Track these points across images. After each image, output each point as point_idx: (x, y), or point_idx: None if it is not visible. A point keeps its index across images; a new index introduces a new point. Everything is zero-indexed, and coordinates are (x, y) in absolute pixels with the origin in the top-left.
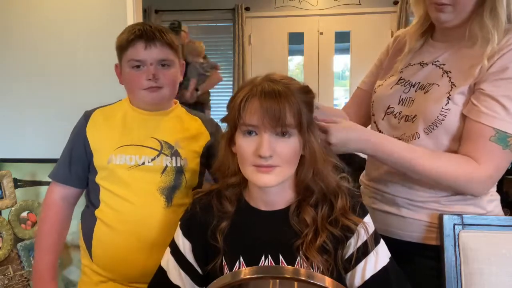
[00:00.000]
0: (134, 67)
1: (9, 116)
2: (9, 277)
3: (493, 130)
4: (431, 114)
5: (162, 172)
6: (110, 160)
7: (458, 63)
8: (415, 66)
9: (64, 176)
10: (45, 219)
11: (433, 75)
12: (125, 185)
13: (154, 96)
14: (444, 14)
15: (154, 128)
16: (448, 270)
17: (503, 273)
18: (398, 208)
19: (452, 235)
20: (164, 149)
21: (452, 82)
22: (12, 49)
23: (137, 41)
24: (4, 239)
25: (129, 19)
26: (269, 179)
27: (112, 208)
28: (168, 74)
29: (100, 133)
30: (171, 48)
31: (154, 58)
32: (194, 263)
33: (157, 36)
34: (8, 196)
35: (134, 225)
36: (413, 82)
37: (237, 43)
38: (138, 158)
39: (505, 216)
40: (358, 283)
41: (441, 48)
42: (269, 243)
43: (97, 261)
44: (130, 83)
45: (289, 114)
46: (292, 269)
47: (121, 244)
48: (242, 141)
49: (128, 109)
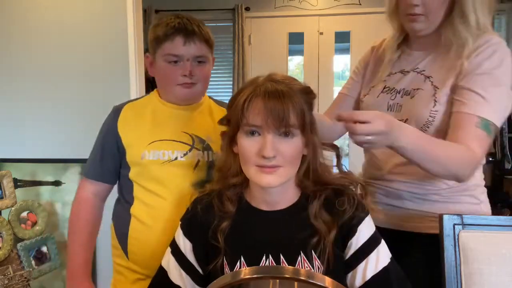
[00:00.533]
0: (171, 62)
1: (9, 116)
2: (9, 277)
3: (477, 118)
4: (421, 116)
5: (194, 167)
6: (143, 156)
7: (437, 68)
8: (397, 74)
9: (96, 172)
10: (79, 216)
11: (416, 81)
12: (159, 181)
13: (187, 92)
14: (417, 23)
15: (185, 122)
16: (448, 270)
17: (503, 273)
18: (402, 201)
19: (452, 235)
20: (196, 143)
21: (434, 85)
22: (12, 49)
23: (176, 35)
24: (4, 239)
25: (129, 19)
26: (272, 180)
27: (147, 205)
28: (203, 70)
29: (132, 128)
30: (207, 44)
31: (192, 54)
32: (195, 263)
33: (196, 32)
34: (8, 196)
35: (169, 221)
36: (398, 89)
37: (237, 43)
38: (171, 153)
39: (505, 215)
40: (359, 283)
41: (419, 56)
42: (270, 243)
43: (133, 259)
44: (164, 77)
45: (292, 114)
46: (292, 269)
47: (157, 241)
48: (245, 141)
49: (158, 103)
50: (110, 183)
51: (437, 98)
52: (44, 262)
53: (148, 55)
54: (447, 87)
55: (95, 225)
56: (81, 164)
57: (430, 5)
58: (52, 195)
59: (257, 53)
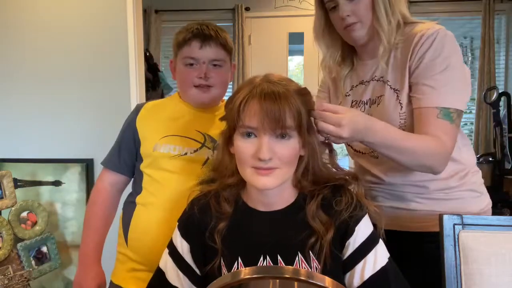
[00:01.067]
0: (188, 64)
1: (9, 116)
2: (9, 277)
3: (436, 109)
4: (394, 121)
5: (203, 164)
6: (155, 148)
7: (391, 71)
8: (358, 86)
9: (114, 163)
10: (95, 202)
11: (377, 89)
12: (167, 173)
13: (204, 96)
14: (356, 32)
15: (200, 122)
16: (448, 270)
17: (503, 273)
18: (407, 203)
19: (452, 235)
20: (207, 142)
21: (394, 89)
22: (12, 49)
23: (193, 40)
24: (4, 239)
25: (129, 19)
26: (269, 182)
27: (151, 193)
28: (219, 73)
29: (149, 123)
30: (224, 48)
31: (207, 58)
32: (192, 264)
33: (212, 36)
34: (8, 196)
35: (169, 211)
36: (364, 100)
37: (237, 43)
38: (181, 149)
39: (505, 215)
40: (357, 283)
41: (372, 65)
42: (268, 244)
43: (132, 245)
44: (182, 80)
45: (289, 116)
46: (292, 269)
47: (156, 230)
48: (241, 143)
49: (178, 102)
50: (126, 175)
51: (401, 100)
52: (44, 262)
53: (172, 60)
54: (406, 88)
55: (109, 214)
56: (81, 164)
57: (359, 11)
58: (52, 195)
59: (257, 53)
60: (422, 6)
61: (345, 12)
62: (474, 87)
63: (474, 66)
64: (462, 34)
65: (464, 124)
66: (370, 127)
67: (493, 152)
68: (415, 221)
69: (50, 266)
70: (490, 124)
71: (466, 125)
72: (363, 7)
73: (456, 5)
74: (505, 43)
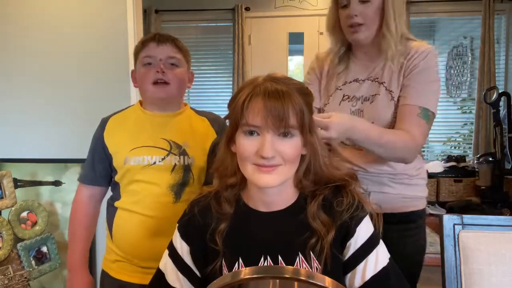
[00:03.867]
0: (146, 64)
1: (9, 116)
2: (9, 277)
3: (419, 108)
4: (385, 119)
5: (171, 170)
6: (126, 161)
7: (387, 74)
8: (352, 83)
9: (89, 178)
10: (75, 216)
11: (373, 88)
12: (139, 182)
13: (161, 91)
14: (359, 33)
15: (163, 129)
16: (448, 270)
17: (503, 273)
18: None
19: (452, 235)
20: (173, 149)
21: (389, 90)
22: (12, 50)
23: (150, 41)
24: (4, 239)
25: (129, 19)
26: (271, 179)
27: (130, 200)
28: (176, 72)
29: (116, 138)
30: (180, 50)
31: (164, 54)
32: (192, 266)
33: (168, 38)
34: (8, 196)
35: (145, 217)
36: (357, 96)
37: (237, 43)
38: (150, 158)
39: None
40: (358, 284)
41: (369, 66)
42: (268, 245)
43: (115, 241)
44: (141, 80)
45: (292, 114)
46: (292, 269)
47: (133, 231)
48: (244, 140)
49: (140, 113)
50: (103, 186)
51: (395, 101)
52: (44, 262)
53: (133, 70)
54: (399, 90)
55: (90, 225)
56: (81, 164)
57: (367, 14)
58: (52, 195)
59: (257, 53)
60: (422, 6)
61: (354, 11)
62: (474, 87)
63: (474, 66)
64: (462, 34)
65: (464, 124)
66: (354, 126)
67: (493, 152)
68: (387, 202)
69: (50, 266)
70: (490, 124)
71: (466, 125)
72: (372, 11)
73: (456, 5)
74: (505, 43)
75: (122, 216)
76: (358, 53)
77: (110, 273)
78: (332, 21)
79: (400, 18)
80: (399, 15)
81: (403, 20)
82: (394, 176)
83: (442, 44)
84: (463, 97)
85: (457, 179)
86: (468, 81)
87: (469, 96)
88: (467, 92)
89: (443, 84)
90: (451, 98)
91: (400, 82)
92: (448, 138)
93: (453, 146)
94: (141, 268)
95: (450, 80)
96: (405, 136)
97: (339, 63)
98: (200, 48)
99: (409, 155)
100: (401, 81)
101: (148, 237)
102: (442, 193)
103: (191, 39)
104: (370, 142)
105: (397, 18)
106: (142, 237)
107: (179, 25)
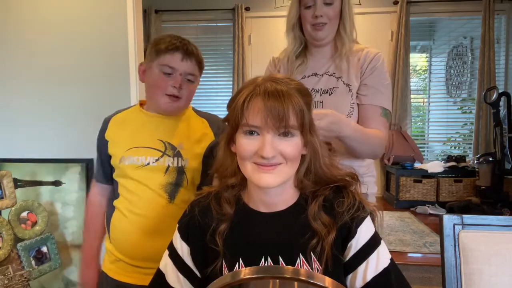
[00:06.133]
0: (165, 73)
1: (9, 116)
2: (9, 277)
3: (380, 108)
4: (344, 108)
5: (165, 172)
6: (121, 161)
7: (344, 69)
8: (311, 77)
9: (98, 175)
10: (88, 212)
11: (331, 82)
12: (134, 182)
13: (173, 106)
14: (322, 32)
15: (160, 130)
16: (448, 270)
17: (503, 273)
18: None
19: (452, 235)
20: (167, 150)
21: (346, 83)
22: (12, 50)
23: (176, 50)
24: (4, 239)
25: (129, 19)
26: (271, 179)
27: (126, 199)
28: (190, 88)
29: (115, 137)
30: (199, 66)
31: (185, 71)
32: (192, 267)
33: (194, 53)
34: (8, 196)
35: (140, 217)
36: (316, 89)
37: (237, 43)
38: (144, 159)
39: (505, 215)
40: (360, 285)
41: (325, 63)
42: (269, 245)
43: (113, 242)
44: (155, 85)
45: (292, 114)
46: (292, 269)
47: (129, 230)
48: (244, 140)
49: (139, 113)
50: (110, 184)
51: (352, 93)
52: (44, 262)
53: (143, 64)
54: (356, 85)
55: (101, 220)
56: (81, 164)
57: (330, 15)
58: (52, 195)
59: (257, 53)
60: (422, 6)
61: (320, 12)
62: (474, 87)
63: (474, 66)
64: (462, 34)
65: (464, 124)
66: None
67: (493, 152)
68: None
69: (50, 266)
70: (490, 124)
71: (466, 125)
72: (334, 12)
73: (456, 5)
74: (505, 43)
75: (118, 216)
76: (314, 51)
77: (109, 274)
78: (293, 21)
79: (352, 22)
80: (351, 20)
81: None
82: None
83: (442, 44)
84: (463, 97)
85: (457, 179)
86: (468, 81)
87: (469, 96)
88: (467, 92)
89: (443, 84)
90: (451, 98)
91: (358, 78)
92: (448, 138)
93: (453, 146)
94: (138, 268)
95: (450, 80)
96: (379, 135)
97: (296, 59)
98: (200, 48)
99: (382, 152)
100: (359, 78)
101: (143, 237)
102: (442, 193)
103: (191, 39)
104: (357, 139)
105: (351, 21)
106: (138, 237)
107: (179, 25)
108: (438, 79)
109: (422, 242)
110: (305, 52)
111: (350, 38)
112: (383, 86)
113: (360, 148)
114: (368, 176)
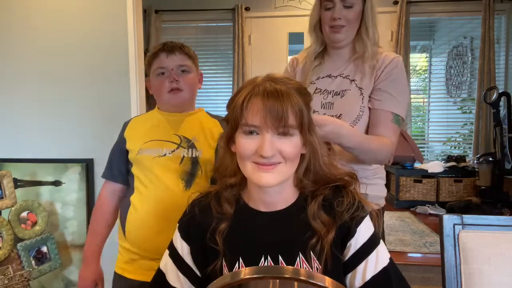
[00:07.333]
0: (160, 74)
1: (9, 116)
2: (9, 277)
3: (392, 114)
4: (353, 111)
5: (180, 162)
6: (139, 152)
7: (358, 73)
8: (325, 78)
9: (108, 174)
10: (96, 209)
11: (344, 84)
12: (150, 172)
13: (176, 98)
14: (340, 34)
15: (176, 126)
16: (448, 270)
17: (503, 273)
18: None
19: (452, 235)
20: (182, 142)
21: (359, 87)
22: (12, 50)
23: (160, 52)
24: (4, 239)
25: (129, 19)
26: (271, 178)
27: (141, 192)
28: (187, 78)
29: (134, 134)
30: (188, 57)
31: (175, 64)
32: (192, 266)
33: (176, 47)
34: (8, 196)
35: (156, 205)
36: (329, 90)
37: (237, 43)
38: (160, 151)
39: (505, 215)
40: (359, 284)
41: (342, 65)
42: (269, 245)
43: (128, 237)
44: (157, 89)
45: (291, 114)
46: (292, 269)
47: (145, 221)
48: (243, 139)
49: (157, 114)
50: (121, 183)
51: (364, 96)
52: (44, 262)
53: (148, 79)
54: (369, 89)
55: (109, 219)
56: (81, 164)
57: (349, 18)
58: (52, 195)
59: (257, 53)
60: (422, 6)
61: (338, 14)
62: (474, 87)
63: (474, 66)
64: (462, 34)
65: (464, 124)
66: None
67: (493, 152)
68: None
69: (50, 266)
70: (490, 124)
71: (466, 125)
72: (354, 15)
73: (456, 5)
74: (505, 43)
75: (134, 210)
76: (332, 53)
77: (123, 274)
78: (314, 21)
79: (374, 25)
80: (374, 23)
81: (376, 28)
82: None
83: (442, 44)
84: (463, 97)
85: (457, 179)
86: (468, 81)
87: (469, 96)
88: (467, 92)
89: (443, 84)
90: (451, 98)
91: (371, 82)
92: (448, 138)
93: (453, 146)
94: (153, 262)
95: (450, 80)
96: (384, 141)
97: (314, 60)
98: (200, 48)
99: (387, 158)
100: (373, 81)
101: (159, 226)
102: (442, 193)
103: (191, 39)
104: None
105: (373, 25)
106: (153, 226)
107: (179, 25)
108: (438, 79)
109: (422, 242)
110: (324, 53)
111: (373, 42)
112: (398, 91)
113: (361, 157)
114: (376, 178)
